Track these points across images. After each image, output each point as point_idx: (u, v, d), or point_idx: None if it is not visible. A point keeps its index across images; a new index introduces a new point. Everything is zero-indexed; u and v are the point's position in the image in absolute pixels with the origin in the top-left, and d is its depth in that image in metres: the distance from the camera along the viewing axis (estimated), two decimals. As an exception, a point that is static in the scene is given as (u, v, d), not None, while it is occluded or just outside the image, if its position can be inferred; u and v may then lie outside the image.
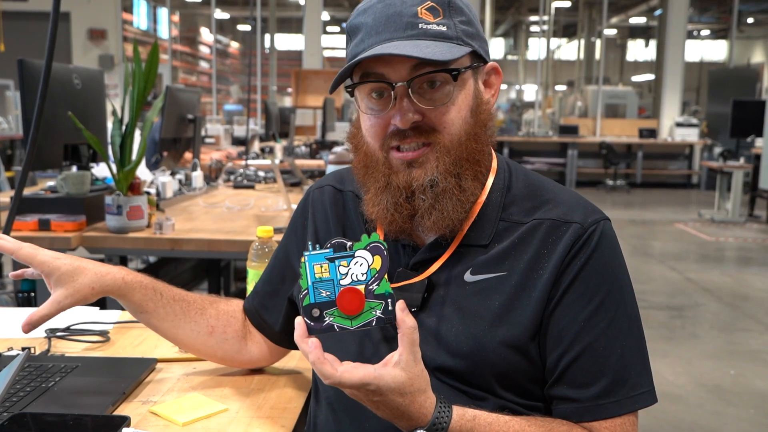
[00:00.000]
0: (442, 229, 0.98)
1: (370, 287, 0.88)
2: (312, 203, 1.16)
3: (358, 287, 0.87)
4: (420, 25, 0.95)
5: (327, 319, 0.87)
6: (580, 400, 0.96)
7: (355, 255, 0.88)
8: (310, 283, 0.87)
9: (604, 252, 0.98)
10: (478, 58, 1.00)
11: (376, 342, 1.01)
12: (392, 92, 0.95)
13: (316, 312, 0.87)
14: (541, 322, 0.97)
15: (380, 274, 0.88)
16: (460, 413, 0.90)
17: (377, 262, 0.88)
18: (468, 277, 0.99)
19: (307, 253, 0.88)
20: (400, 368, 0.86)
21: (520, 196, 1.03)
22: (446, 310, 0.99)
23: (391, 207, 0.98)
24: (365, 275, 0.88)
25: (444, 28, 0.96)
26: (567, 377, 0.96)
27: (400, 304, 0.87)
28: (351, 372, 0.85)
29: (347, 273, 0.88)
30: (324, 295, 0.87)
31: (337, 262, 0.88)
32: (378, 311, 0.87)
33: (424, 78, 0.95)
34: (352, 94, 1.01)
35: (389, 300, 0.88)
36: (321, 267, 0.88)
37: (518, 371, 0.97)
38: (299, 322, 0.87)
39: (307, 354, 0.86)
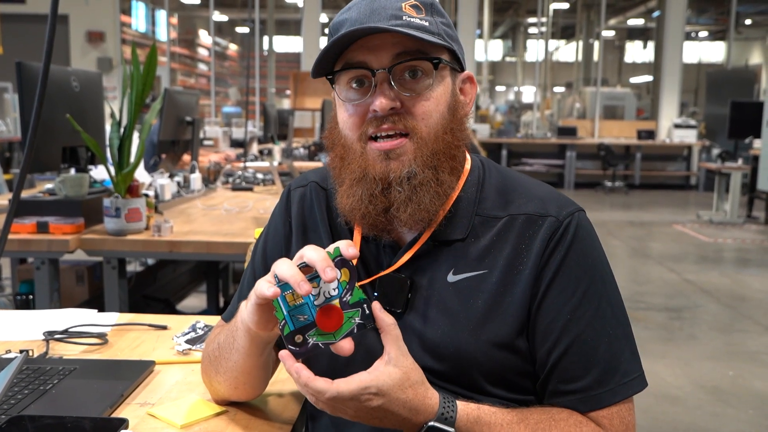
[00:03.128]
0: (418, 222, 0.98)
1: (344, 299, 0.87)
2: (298, 201, 1.12)
3: (333, 303, 0.87)
4: (404, 17, 0.96)
5: (310, 341, 0.87)
6: (574, 392, 0.97)
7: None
8: (285, 312, 0.87)
9: (583, 243, 0.99)
10: (457, 62, 1.02)
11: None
12: (373, 79, 0.96)
13: (299, 338, 0.87)
14: (527, 318, 0.98)
15: (351, 285, 0.88)
16: (464, 403, 0.91)
17: (345, 275, 0.88)
18: (450, 277, 1.00)
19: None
20: (392, 365, 0.86)
21: (494, 191, 1.04)
22: (431, 311, 0.99)
23: (365, 198, 0.97)
24: (336, 290, 0.88)
25: (426, 24, 0.97)
26: (558, 371, 0.97)
27: (376, 305, 0.88)
28: (347, 381, 0.85)
29: (319, 293, 0.87)
30: (302, 320, 0.87)
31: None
32: (357, 318, 0.87)
33: (405, 66, 0.96)
34: (332, 83, 1.00)
35: (365, 305, 0.88)
36: (293, 294, 0.87)
37: (506, 368, 0.98)
38: (284, 355, 0.87)
39: (298, 378, 0.86)
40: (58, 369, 1.19)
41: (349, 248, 0.87)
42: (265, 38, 13.34)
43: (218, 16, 16.52)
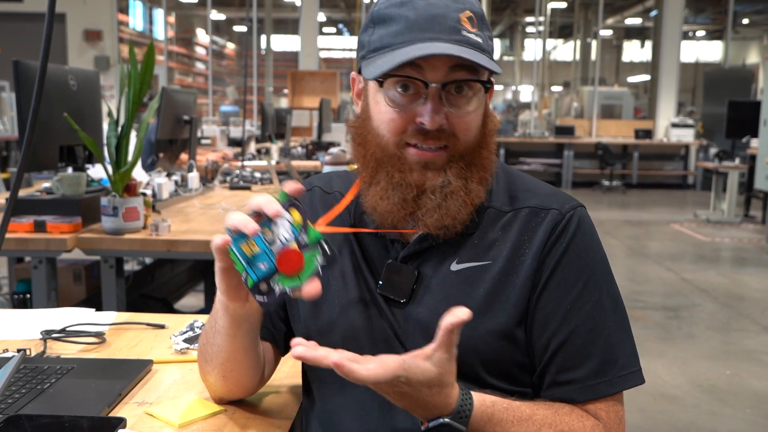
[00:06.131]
0: (441, 228, 0.99)
1: (301, 240, 0.88)
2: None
3: (291, 246, 0.87)
4: (462, 32, 0.96)
5: (276, 287, 0.87)
6: (572, 381, 0.98)
7: (273, 218, 0.88)
8: (245, 264, 0.87)
9: (584, 236, 1.02)
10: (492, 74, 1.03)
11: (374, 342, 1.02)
12: (424, 90, 0.96)
13: (263, 287, 0.87)
14: (526, 308, 0.99)
15: (304, 225, 0.88)
16: (480, 400, 0.91)
17: (296, 215, 0.88)
18: (454, 266, 1.01)
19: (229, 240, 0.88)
20: (432, 363, 0.85)
21: (501, 187, 1.06)
22: (434, 300, 1.00)
23: (398, 203, 0.99)
24: (291, 232, 0.88)
25: (480, 40, 0.97)
26: (557, 361, 0.98)
27: (446, 320, 0.84)
28: (384, 367, 0.82)
29: (274, 238, 0.88)
30: (263, 268, 0.87)
31: (259, 232, 0.88)
32: (318, 258, 0.88)
33: (455, 83, 0.96)
34: (381, 84, 0.99)
35: (323, 242, 0.88)
36: (248, 245, 0.87)
37: (505, 358, 0.99)
38: (298, 344, 0.83)
39: (332, 362, 0.81)
40: (55, 368, 1.19)
41: (292, 185, 0.89)
42: (263, 37, 13.33)
43: (216, 15, 16.51)
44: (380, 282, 1.02)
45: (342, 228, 1.04)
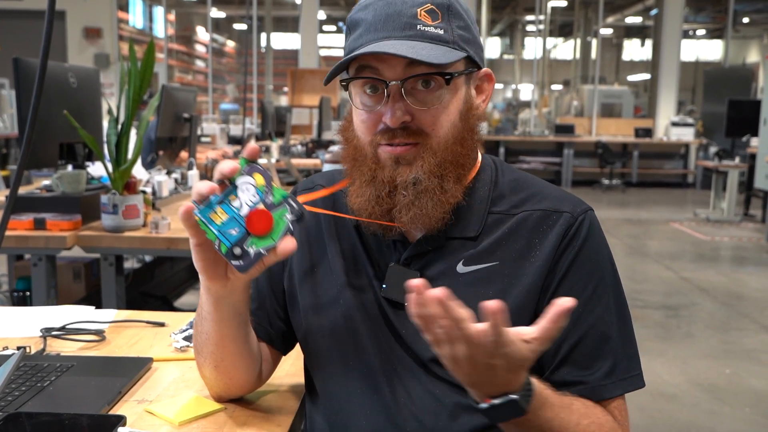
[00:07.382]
0: (419, 226, 0.99)
1: (267, 201, 0.90)
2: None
3: (258, 208, 0.89)
4: (418, 27, 0.96)
5: (250, 250, 0.89)
6: (584, 382, 0.98)
7: (237, 185, 0.90)
8: (216, 232, 0.89)
9: (595, 240, 1.02)
10: (473, 63, 1.02)
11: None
12: (385, 89, 0.97)
13: (237, 251, 0.89)
14: (536, 310, 0.99)
15: (268, 186, 0.90)
16: (537, 382, 0.88)
17: (259, 179, 0.91)
18: (460, 268, 1.01)
19: (196, 212, 0.89)
20: (529, 350, 0.82)
21: (507, 190, 1.05)
22: None
23: (372, 200, 0.99)
24: (256, 195, 0.90)
25: (441, 32, 0.97)
26: (569, 362, 0.98)
27: (555, 309, 0.80)
28: (506, 330, 0.79)
29: (240, 204, 0.90)
30: (234, 233, 0.89)
31: (226, 200, 0.90)
32: (287, 215, 0.90)
33: (417, 78, 0.96)
34: (346, 88, 1.02)
35: (289, 200, 0.90)
36: (216, 213, 0.89)
37: None
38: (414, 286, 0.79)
39: (458, 320, 0.78)
40: (55, 366, 1.19)
41: (250, 149, 0.91)
42: (263, 35, 13.31)
43: (216, 13, 16.49)
44: (384, 285, 1.02)
45: (319, 209, 1.04)
